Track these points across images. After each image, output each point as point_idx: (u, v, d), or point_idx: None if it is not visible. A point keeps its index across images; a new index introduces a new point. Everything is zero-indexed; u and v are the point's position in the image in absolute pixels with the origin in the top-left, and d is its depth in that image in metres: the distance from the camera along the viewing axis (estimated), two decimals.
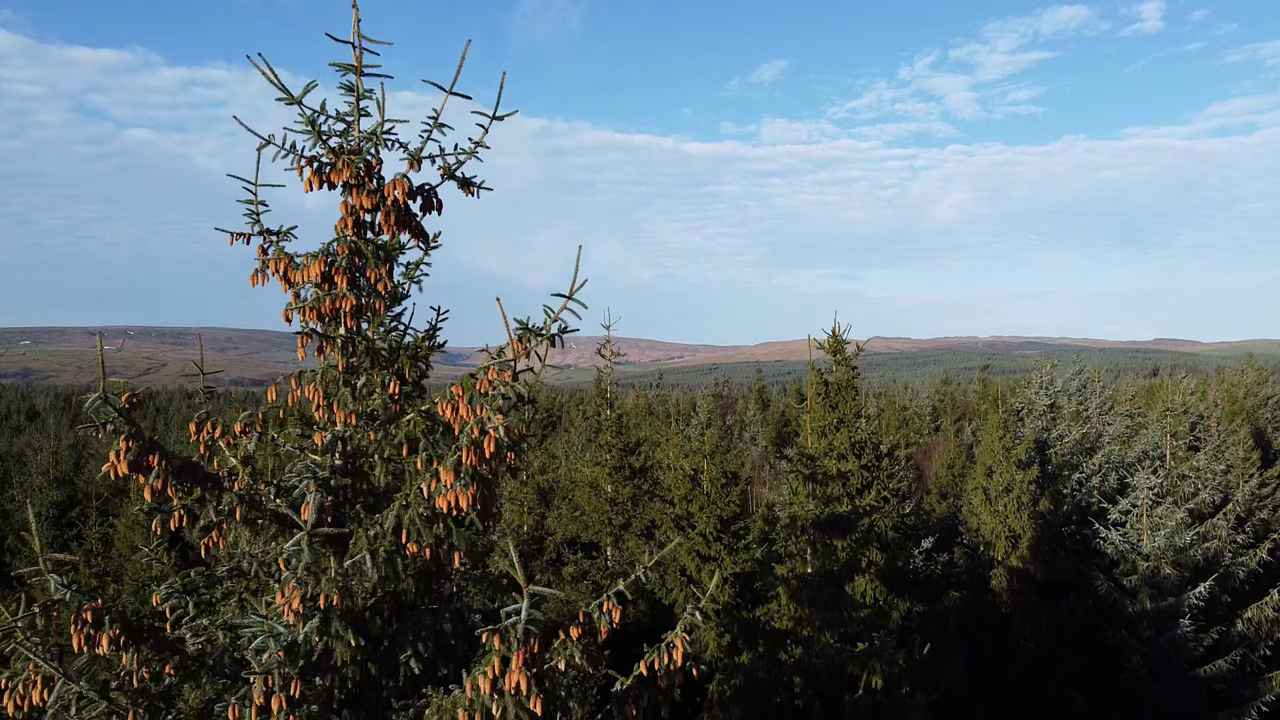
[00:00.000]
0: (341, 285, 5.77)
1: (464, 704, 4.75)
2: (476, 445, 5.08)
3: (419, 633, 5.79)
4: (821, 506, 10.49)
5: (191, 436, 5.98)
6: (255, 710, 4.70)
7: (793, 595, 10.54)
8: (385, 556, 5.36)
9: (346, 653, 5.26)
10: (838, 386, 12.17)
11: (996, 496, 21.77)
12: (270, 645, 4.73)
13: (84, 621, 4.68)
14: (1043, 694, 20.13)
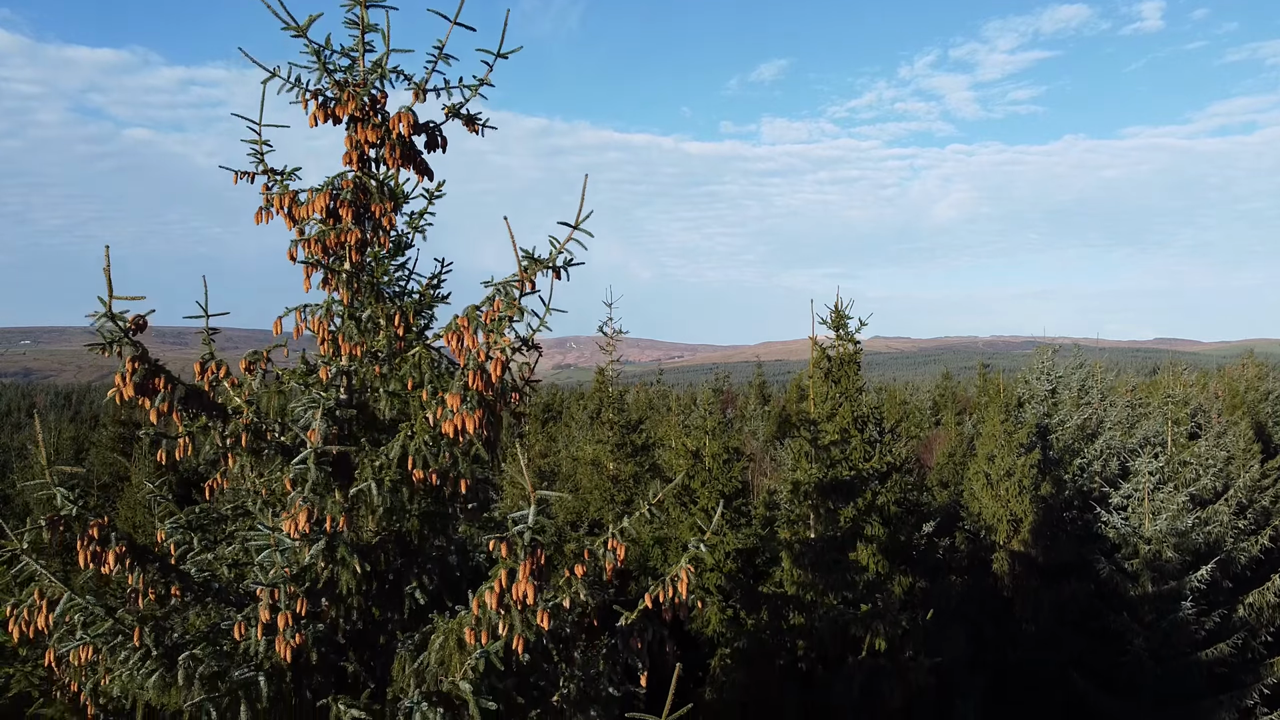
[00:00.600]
0: (346, 219, 5.77)
1: (469, 622, 4.75)
2: (482, 369, 5.08)
3: (424, 565, 5.79)
4: (824, 470, 10.48)
5: (195, 376, 5.98)
6: (261, 628, 4.70)
7: (795, 560, 10.53)
8: (391, 486, 5.36)
9: (352, 581, 5.25)
10: (840, 361, 12.15)
11: (998, 481, 21.76)
12: (277, 559, 4.72)
13: (90, 538, 4.67)
14: (1044, 676, 20.11)
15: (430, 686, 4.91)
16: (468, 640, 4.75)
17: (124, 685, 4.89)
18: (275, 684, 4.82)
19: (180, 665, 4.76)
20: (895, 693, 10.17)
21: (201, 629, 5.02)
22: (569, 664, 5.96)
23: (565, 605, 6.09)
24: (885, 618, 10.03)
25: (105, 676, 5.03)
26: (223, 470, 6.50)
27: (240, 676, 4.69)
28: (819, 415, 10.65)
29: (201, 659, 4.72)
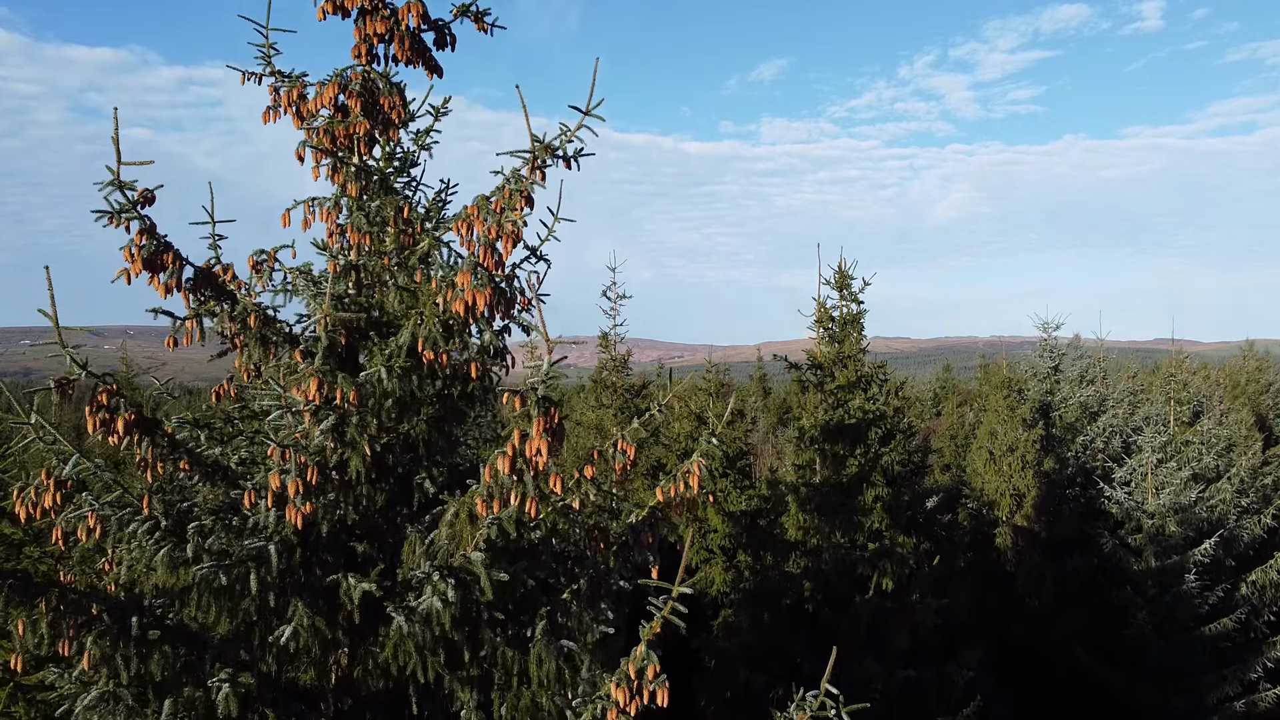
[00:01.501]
0: (355, 110, 5.74)
1: (481, 493, 4.71)
2: (492, 247, 5.04)
3: (433, 457, 5.75)
4: (830, 411, 10.43)
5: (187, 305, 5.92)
6: (271, 497, 4.66)
7: (802, 505, 10.48)
8: (401, 372, 5.32)
9: (361, 466, 5.21)
10: (844, 322, 12.09)
11: (1000, 456, 21.73)
12: (288, 420, 4.68)
13: (99, 404, 4.63)
14: (1047, 650, 20.07)
15: (441, 562, 4.87)
16: (479, 511, 4.71)
17: (132, 564, 4.84)
18: (285, 557, 4.78)
19: (190, 538, 4.72)
20: (902, 634, 10.12)
21: (212, 504, 4.98)
22: (580, 563, 5.92)
23: (575, 506, 6.07)
24: (892, 556, 9.98)
25: (111, 558, 4.99)
26: (230, 376, 6.47)
27: (250, 545, 4.65)
28: (825, 359, 10.61)
29: (211, 530, 4.68)
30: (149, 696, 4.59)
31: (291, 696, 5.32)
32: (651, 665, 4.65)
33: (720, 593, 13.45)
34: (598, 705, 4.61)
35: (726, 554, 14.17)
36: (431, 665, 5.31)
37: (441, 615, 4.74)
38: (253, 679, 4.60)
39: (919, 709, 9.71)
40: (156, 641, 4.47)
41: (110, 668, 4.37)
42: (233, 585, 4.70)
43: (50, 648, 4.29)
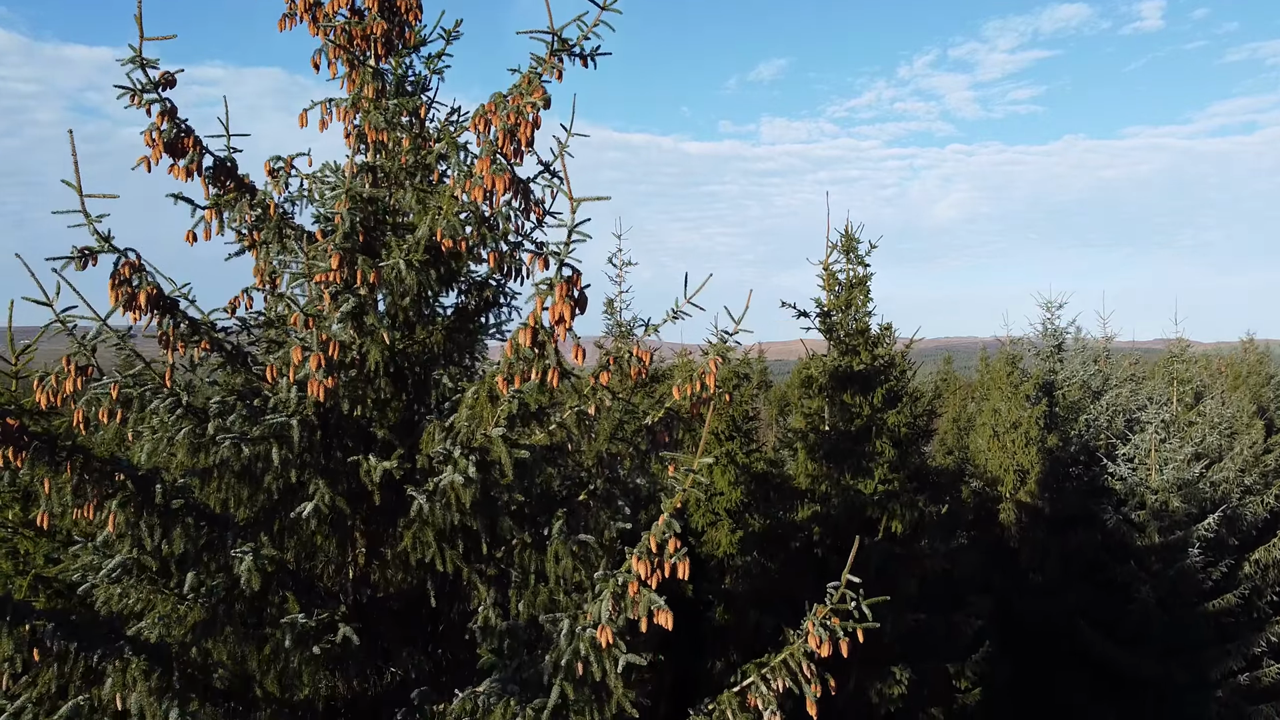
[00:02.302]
0: (373, 9, 5.76)
1: (503, 369, 4.73)
2: (510, 134, 5.05)
3: (450, 358, 5.77)
4: (839, 356, 10.45)
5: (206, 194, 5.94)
6: (293, 371, 4.67)
7: (810, 452, 10.50)
8: (419, 265, 5.33)
9: (380, 356, 5.22)
10: (849, 285, 12.09)
11: (1004, 433, 21.75)
12: (310, 289, 4.69)
13: (121, 277, 4.64)
14: (1050, 625, 20.07)
15: (462, 441, 4.88)
16: (500, 389, 4.73)
17: (154, 445, 4.85)
18: (306, 436, 4.79)
19: (212, 416, 4.73)
20: (910, 580, 10.12)
21: (234, 386, 4.99)
22: (598, 464, 5.94)
23: (591, 412, 6.09)
24: (900, 499, 10.00)
25: (132, 441, 4.99)
26: (245, 289, 6.47)
27: (272, 421, 4.65)
28: (834, 307, 10.62)
29: (232, 408, 4.69)
30: (171, 569, 4.59)
31: (311, 589, 5.34)
32: (673, 538, 4.66)
33: (727, 554, 13.44)
34: (619, 578, 4.61)
35: (734, 517, 14.18)
36: (450, 558, 5.32)
37: (462, 494, 4.75)
38: (275, 552, 4.61)
39: (928, 653, 9.72)
40: (179, 512, 4.48)
41: (133, 536, 4.38)
42: (254, 464, 4.71)
43: (74, 511, 4.30)
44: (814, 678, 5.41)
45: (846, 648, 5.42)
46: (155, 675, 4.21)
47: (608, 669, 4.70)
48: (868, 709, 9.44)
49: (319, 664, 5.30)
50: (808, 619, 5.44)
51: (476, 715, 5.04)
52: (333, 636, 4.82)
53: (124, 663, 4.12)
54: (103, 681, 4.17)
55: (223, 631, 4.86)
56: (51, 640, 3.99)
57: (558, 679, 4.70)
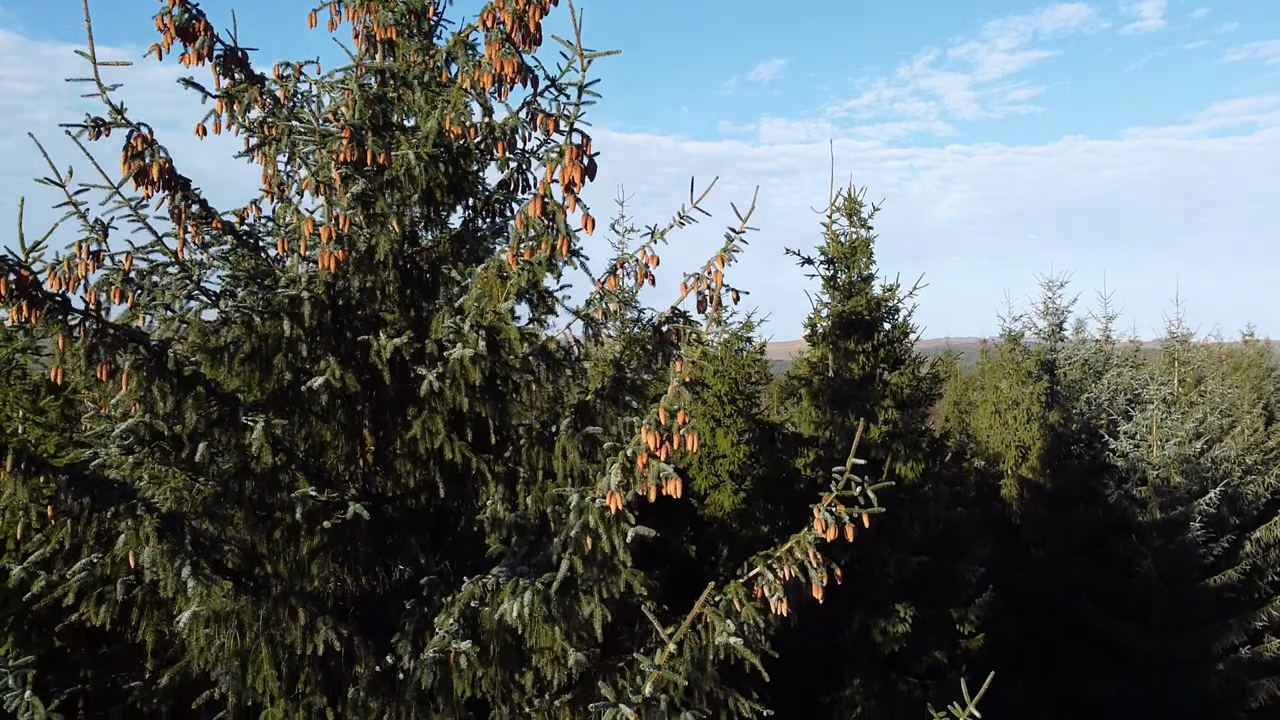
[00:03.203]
0: None
1: (512, 245, 4.77)
2: (520, 19, 5.08)
3: (460, 256, 5.81)
4: (842, 301, 10.48)
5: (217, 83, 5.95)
6: (304, 244, 4.70)
7: (814, 398, 10.54)
8: (429, 158, 5.37)
9: (389, 247, 5.26)
10: (852, 247, 12.10)
11: (1005, 410, 21.79)
12: (320, 155, 4.72)
13: (134, 150, 4.68)
14: (1052, 601, 20.10)
15: (472, 319, 4.91)
16: (509, 265, 4.76)
17: (164, 327, 4.89)
18: (317, 313, 4.82)
19: (223, 295, 4.77)
20: (914, 525, 10.16)
21: (245, 270, 5.02)
22: (606, 363, 5.97)
23: (598, 317, 6.13)
24: (905, 439, 10.03)
25: (142, 320, 5.02)
26: (253, 200, 6.50)
27: (284, 294, 4.69)
28: (836, 255, 10.66)
29: (242, 279, 4.73)
30: (183, 442, 4.63)
31: (320, 477, 5.37)
32: (682, 409, 4.69)
33: (729, 515, 13.46)
34: (628, 450, 4.64)
35: (736, 479, 14.20)
36: (459, 448, 5.36)
37: (470, 372, 4.79)
38: (284, 422, 4.64)
39: (931, 598, 9.75)
40: (191, 380, 4.51)
41: (146, 402, 4.41)
42: (265, 345, 4.74)
43: (87, 373, 4.33)
44: (820, 566, 5.44)
45: (852, 532, 5.44)
46: (168, 537, 4.24)
47: (616, 544, 4.73)
48: (871, 648, 9.47)
49: (328, 552, 5.33)
50: (815, 507, 5.47)
51: (485, 600, 5.08)
52: (342, 514, 4.85)
53: (136, 520, 4.15)
54: (115, 542, 4.20)
55: (233, 507, 4.90)
56: (65, 493, 4.02)
57: (566, 553, 4.73)
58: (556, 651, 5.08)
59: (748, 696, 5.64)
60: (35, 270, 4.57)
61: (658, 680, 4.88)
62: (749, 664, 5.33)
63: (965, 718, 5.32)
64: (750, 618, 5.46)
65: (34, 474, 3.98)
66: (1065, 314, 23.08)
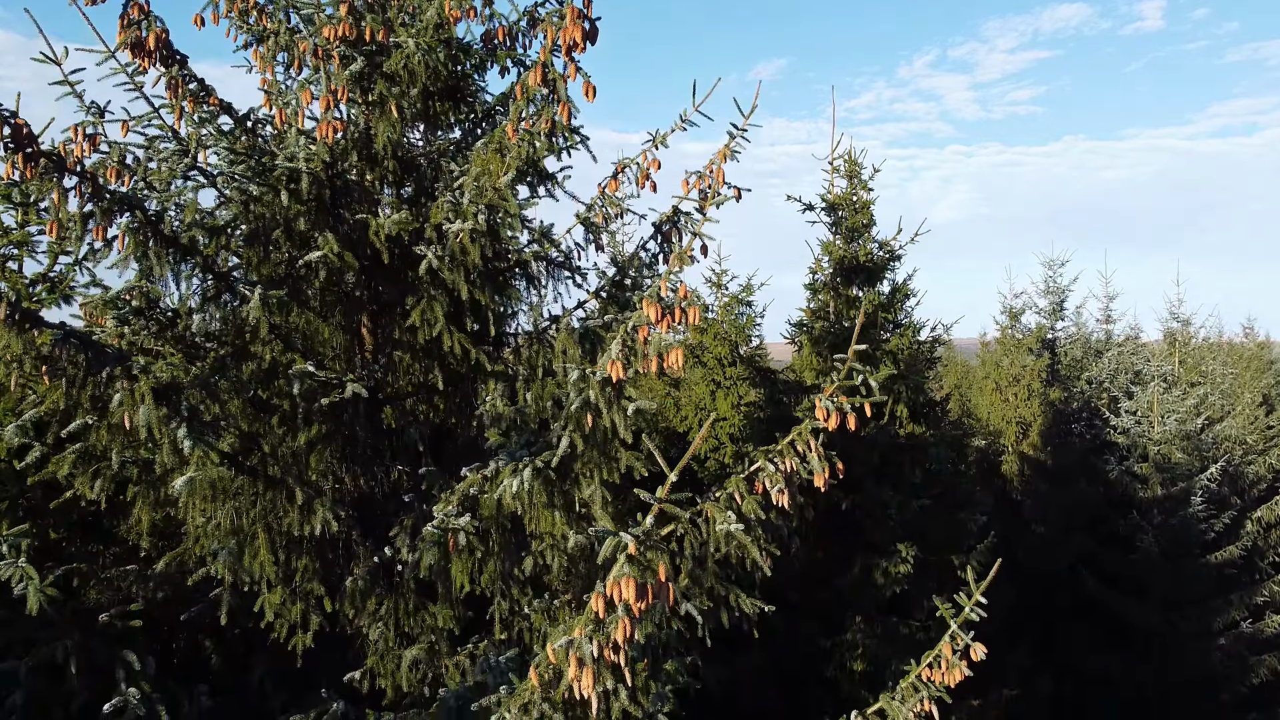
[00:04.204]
0: None
1: (511, 119, 4.72)
2: None
3: (462, 148, 5.77)
4: (845, 246, 10.44)
5: None
6: (301, 117, 4.66)
7: (815, 345, 10.49)
8: (428, 48, 5.33)
9: (387, 132, 5.22)
10: (853, 209, 12.04)
11: (1006, 386, 21.75)
12: (319, 18, 4.67)
13: (129, 19, 4.64)
14: (1053, 578, 20.05)
15: (471, 198, 4.87)
16: (509, 139, 4.72)
17: (161, 206, 4.84)
18: (316, 188, 4.78)
19: (220, 175, 4.72)
20: (915, 469, 10.11)
21: (241, 149, 4.97)
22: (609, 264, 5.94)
23: (598, 221, 6.08)
24: (908, 380, 9.99)
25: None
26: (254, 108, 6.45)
27: (283, 166, 4.64)
28: (839, 201, 10.62)
29: (241, 155, 4.68)
30: (179, 315, 4.58)
31: (319, 366, 5.32)
32: (682, 284, 4.64)
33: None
34: (629, 323, 4.59)
35: (736, 442, 14.15)
36: (459, 339, 5.31)
37: (470, 249, 4.74)
38: (284, 293, 4.59)
39: (931, 543, 9.69)
40: (188, 249, 4.46)
41: (143, 265, 4.37)
42: (263, 224, 4.70)
43: (83, 237, 4.28)
44: (822, 458, 5.39)
45: (854, 421, 5.39)
46: (164, 403, 4.19)
47: (617, 421, 4.68)
48: (873, 591, 9.41)
49: (327, 445, 5.28)
50: (816, 397, 5.41)
51: (485, 489, 5.02)
52: (340, 393, 4.80)
53: (132, 381, 4.10)
54: (110, 406, 4.14)
55: (230, 395, 4.85)
56: (60, 349, 3.97)
57: (566, 430, 4.68)
58: (557, 536, 5.03)
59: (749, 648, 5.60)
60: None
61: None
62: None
63: (971, 605, 5.26)
64: (752, 511, 5.40)
65: (28, 327, 3.93)
66: (1066, 293, 23.02)
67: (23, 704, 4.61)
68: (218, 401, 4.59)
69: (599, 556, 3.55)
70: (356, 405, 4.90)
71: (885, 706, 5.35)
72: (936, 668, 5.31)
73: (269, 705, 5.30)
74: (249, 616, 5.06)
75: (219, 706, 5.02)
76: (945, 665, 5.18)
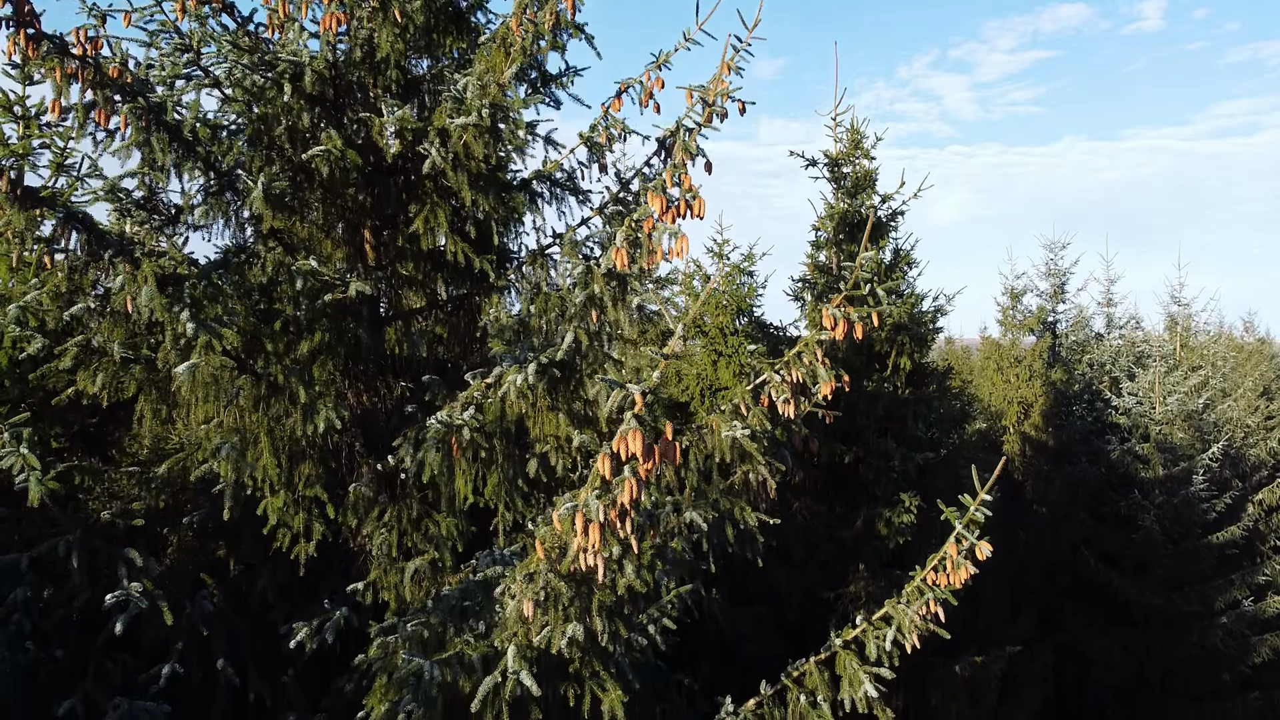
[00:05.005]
0: None
1: (516, 12, 4.69)
2: None
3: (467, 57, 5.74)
4: (848, 198, 10.42)
5: None
6: (305, 6, 4.63)
7: (817, 299, 10.47)
8: None
9: (390, 38, 5.19)
10: (855, 179, 12.00)
11: (1007, 367, 21.72)
12: None
13: None
14: (1054, 557, 20.01)
15: (474, 97, 4.84)
16: (513, 31, 4.69)
17: (166, 97, 4.81)
18: (319, 85, 4.75)
19: (223, 78, 4.69)
20: (917, 422, 10.08)
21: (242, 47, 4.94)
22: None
23: (602, 141, 6.06)
24: (911, 331, 9.96)
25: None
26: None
27: (286, 59, 4.62)
28: (841, 157, 10.61)
29: (245, 49, 4.65)
30: (182, 210, 4.55)
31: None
32: (686, 175, 4.62)
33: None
34: (635, 215, 4.56)
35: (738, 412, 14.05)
36: (461, 248, 5.28)
37: (474, 146, 4.72)
38: (287, 184, 4.56)
39: (935, 497, 9.63)
40: (191, 144, 4.44)
41: (145, 154, 4.34)
42: (265, 123, 4.67)
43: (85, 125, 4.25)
44: (829, 370, 5.36)
45: (861, 330, 5.36)
46: (168, 290, 4.16)
47: (621, 318, 4.66)
48: (877, 542, 9.38)
49: (330, 353, 5.25)
50: (823, 306, 5.39)
51: (489, 396, 4.99)
52: (344, 292, 4.77)
53: (135, 264, 4.07)
54: (112, 285, 4.12)
55: (233, 299, 4.82)
56: (62, 229, 3.95)
57: (571, 326, 4.65)
58: (561, 439, 5.00)
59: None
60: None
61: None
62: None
63: (977, 505, 5.23)
64: (758, 422, 5.38)
65: (30, 205, 3.90)
66: (1067, 275, 22.98)
67: (24, 600, 4.58)
68: (221, 299, 4.56)
69: (605, 407, 3.52)
70: (359, 311, 4.86)
71: (891, 611, 5.32)
72: (942, 570, 5.28)
73: (271, 616, 5.27)
74: (252, 521, 5.02)
75: (221, 612, 4.99)
76: (951, 566, 5.15)
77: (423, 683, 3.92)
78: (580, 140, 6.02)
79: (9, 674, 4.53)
